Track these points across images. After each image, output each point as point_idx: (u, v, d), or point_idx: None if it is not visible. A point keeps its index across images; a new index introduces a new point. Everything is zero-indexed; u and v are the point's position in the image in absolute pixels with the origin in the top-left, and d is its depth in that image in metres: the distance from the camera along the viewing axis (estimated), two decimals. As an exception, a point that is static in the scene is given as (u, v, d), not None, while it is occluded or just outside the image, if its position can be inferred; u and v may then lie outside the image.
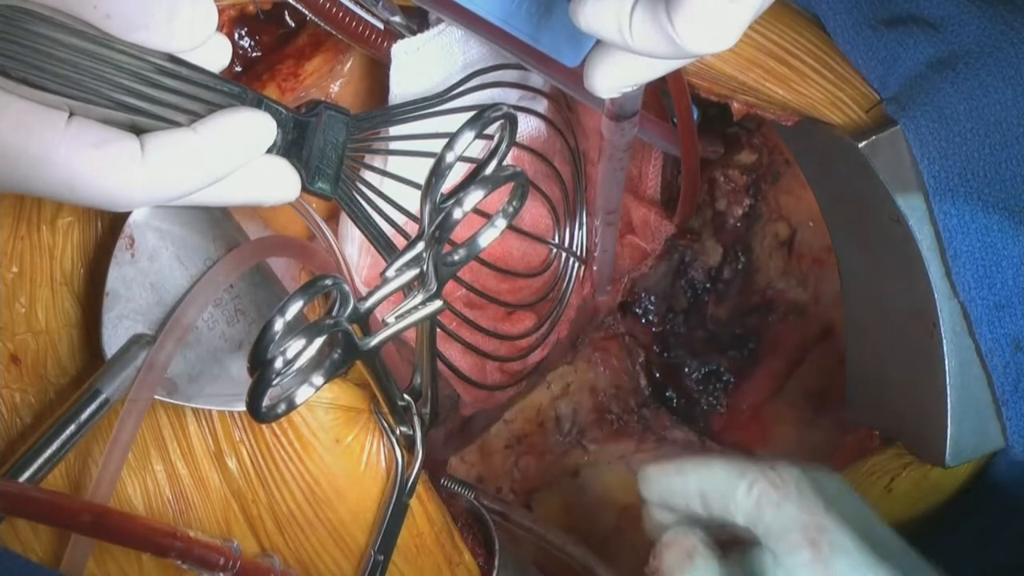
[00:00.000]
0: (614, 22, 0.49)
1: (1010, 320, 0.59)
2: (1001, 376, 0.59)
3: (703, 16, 0.46)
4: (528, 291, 0.78)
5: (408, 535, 0.63)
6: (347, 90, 0.72)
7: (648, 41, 0.48)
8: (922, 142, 0.57)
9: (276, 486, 0.60)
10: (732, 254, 0.84)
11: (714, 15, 0.46)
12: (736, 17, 0.46)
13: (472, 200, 0.49)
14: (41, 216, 0.60)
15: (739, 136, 0.82)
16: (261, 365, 0.46)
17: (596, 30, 0.50)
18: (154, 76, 0.47)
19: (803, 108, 0.61)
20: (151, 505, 0.59)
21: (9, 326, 0.59)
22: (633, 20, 0.48)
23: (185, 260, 0.59)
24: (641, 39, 0.48)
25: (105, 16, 0.46)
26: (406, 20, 0.65)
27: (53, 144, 0.44)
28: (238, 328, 0.60)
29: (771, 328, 0.84)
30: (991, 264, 0.58)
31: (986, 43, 0.58)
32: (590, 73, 0.53)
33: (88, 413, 0.56)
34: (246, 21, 0.72)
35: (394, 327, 0.53)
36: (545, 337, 0.78)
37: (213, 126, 0.49)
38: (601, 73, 0.53)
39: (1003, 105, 0.57)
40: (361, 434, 0.61)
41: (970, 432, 0.60)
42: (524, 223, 0.76)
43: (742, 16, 0.46)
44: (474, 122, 0.49)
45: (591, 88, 0.54)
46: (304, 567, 0.61)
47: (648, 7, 0.48)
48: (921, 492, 0.63)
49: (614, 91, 0.54)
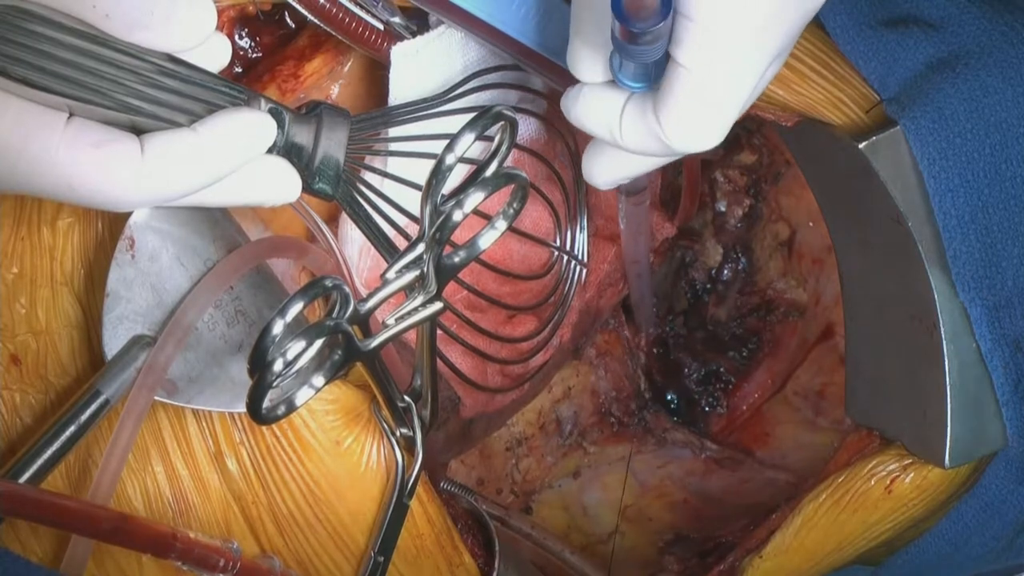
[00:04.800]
0: (605, 123, 0.51)
1: (1010, 320, 0.59)
2: (1001, 376, 0.59)
3: (689, 118, 0.48)
4: (529, 294, 0.77)
5: (408, 536, 0.63)
6: (347, 91, 0.72)
7: (638, 141, 0.51)
8: (922, 142, 0.57)
9: (276, 487, 0.60)
10: (732, 255, 0.84)
11: (700, 117, 0.48)
12: (721, 118, 0.48)
13: (473, 202, 0.49)
14: (41, 217, 0.60)
15: (739, 136, 0.82)
16: (261, 367, 0.46)
17: (587, 128, 0.52)
18: (154, 76, 0.47)
19: (803, 108, 0.61)
20: (151, 506, 0.59)
21: (9, 327, 0.59)
22: (623, 121, 0.50)
23: (185, 261, 0.59)
24: (631, 139, 0.51)
25: (104, 16, 0.46)
26: (406, 21, 0.65)
27: (53, 144, 0.44)
28: (238, 329, 0.60)
29: (771, 328, 0.84)
30: (991, 264, 0.58)
31: (986, 43, 0.58)
32: (588, 168, 0.56)
33: (88, 414, 0.56)
34: (246, 22, 0.72)
35: (394, 329, 0.53)
36: (547, 340, 0.78)
37: (213, 126, 0.49)
38: (597, 169, 0.56)
39: (1003, 105, 0.57)
40: (361, 436, 0.61)
41: (970, 432, 0.60)
42: (524, 226, 0.75)
43: (726, 117, 0.48)
44: (475, 124, 0.49)
45: (590, 182, 0.57)
46: (304, 568, 0.61)
47: (637, 108, 0.50)
48: (921, 493, 0.63)
49: (611, 184, 0.57)
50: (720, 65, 0.46)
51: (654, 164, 0.55)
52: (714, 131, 0.49)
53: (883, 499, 0.64)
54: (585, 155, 0.56)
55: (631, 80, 0.50)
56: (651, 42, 0.45)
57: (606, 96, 0.51)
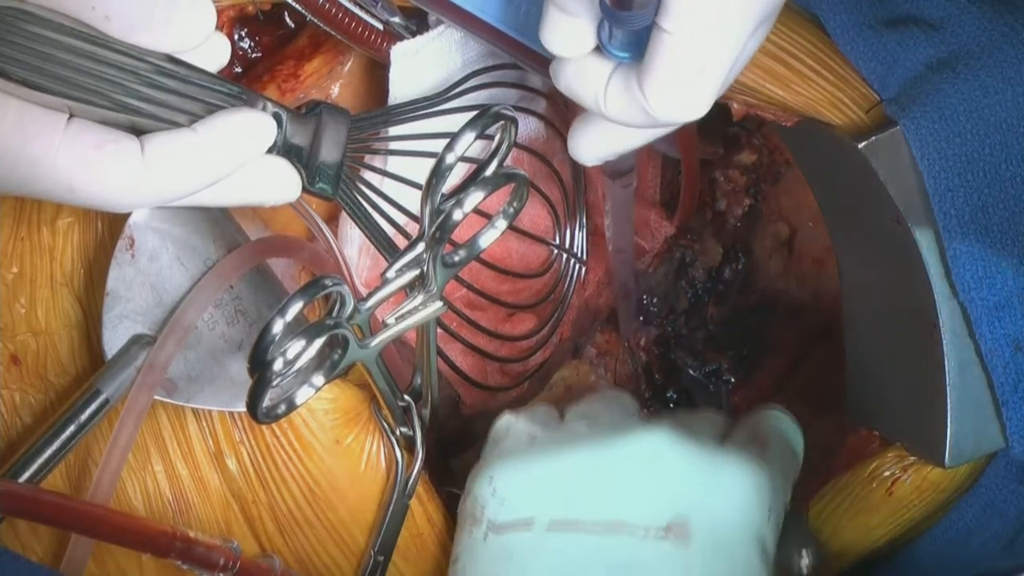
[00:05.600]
0: (591, 89, 0.51)
1: (1010, 320, 0.59)
2: (1001, 376, 0.59)
3: (672, 86, 0.48)
4: (528, 293, 0.77)
5: (408, 536, 0.63)
6: (347, 91, 0.72)
7: (622, 110, 0.50)
8: (922, 142, 0.57)
9: (276, 487, 0.60)
10: (732, 254, 0.84)
11: (683, 85, 0.48)
12: (704, 87, 0.48)
13: (472, 201, 0.49)
14: (41, 217, 0.60)
15: (739, 136, 0.82)
16: (261, 366, 0.46)
17: (575, 95, 0.52)
18: (153, 77, 0.47)
19: (803, 108, 0.61)
20: (151, 505, 0.59)
21: (9, 326, 0.59)
22: (608, 89, 0.50)
23: (185, 261, 0.59)
24: (615, 107, 0.50)
25: (104, 17, 0.46)
26: (405, 21, 0.65)
27: (53, 145, 0.44)
28: (238, 329, 0.60)
29: (771, 328, 0.83)
30: (991, 264, 0.58)
31: (986, 43, 0.58)
32: (573, 142, 0.56)
33: (88, 413, 0.56)
34: (246, 22, 0.72)
35: (394, 328, 0.53)
36: (547, 339, 0.78)
37: (213, 126, 0.49)
38: (583, 143, 0.56)
39: (1003, 106, 0.57)
40: (361, 435, 0.61)
41: (970, 432, 0.60)
42: (524, 224, 0.76)
43: (710, 86, 0.48)
44: (475, 123, 0.49)
45: (575, 156, 0.57)
46: (304, 567, 0.61)
47: (622, 77, 0.50)
48: (921, 494, 0.63)
49: (596, 159, 0.57)
50: (704, 31, 0.46)
51: (640, 139, 0.55)
52: (698, 100, 0.48)
53: (884, 501, 0.64)
54: (571, 129, 0.56)
55: (619, 50, 0.50)
56: (642, 7, 0.45)
57: (593, 65, 0.51)
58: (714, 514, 0.56)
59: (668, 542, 0.55)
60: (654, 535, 0.55)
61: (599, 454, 0.58)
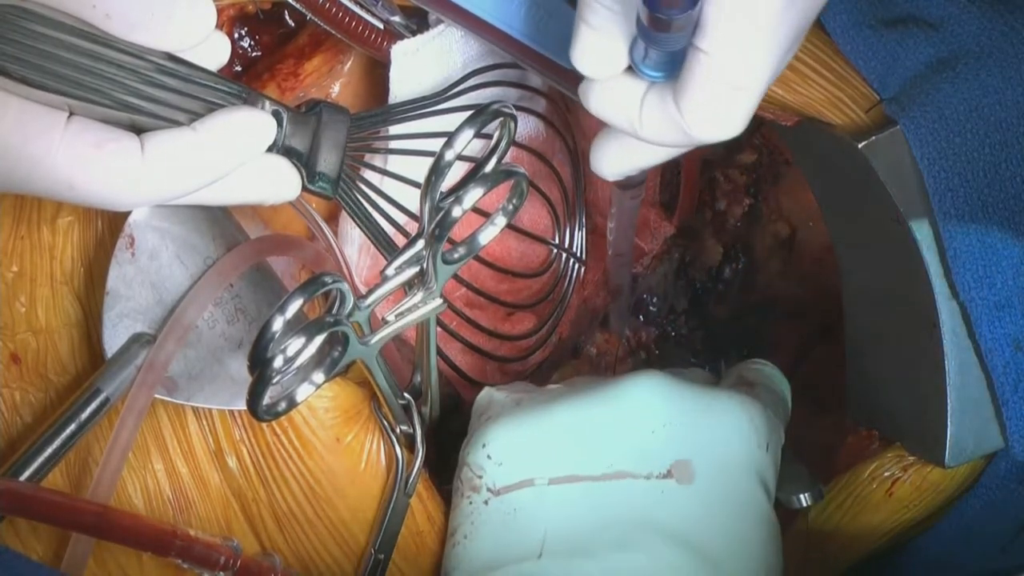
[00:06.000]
0: (624, 110, 0.50)
1: (1010, 320, 0.59)
2: (1001, 376, 0.59)
3: (710, 105, 0.47)
4: (528, 292, 0.78)
5: (408, 534, 0.63)
6: (347, 90, 0.72)
7: (658, 130, 0.50)
8: (922, 142, 0.57)
9: (276, 485, 0.60)
10: (732, 254, 0.84)
11: (721, 104, 0.47)
12: (741, 105, 0.47)
13: (471, 198, 0.49)
14: (41, 215, 0.60)
15: (739, 136, 0.82)
16: (261, 364, 0.46)
17: (606, 115, 0.51)
18: (154, 75, 0.48)
19: (803, 108, 0.61)
20: (151, 504, 0.59)
21: (9, 325, 0.59)
22: (643, 111, 0.50)
23: (185, 259, 0.59)
24: (651, 127, 0.50)
25: (104, 16, 0.46)
26: (406, 20, 0.65)
27: (53, 144, 0.44)
28: (238, 327, 0.60)
29: (771, 328, 0.83)
30: (991, 264, 0.58)
31: (986, 43, 0.58)
32: (596, 158, 0.55)
33: (88, 412, 0.56)
34: (246, 21, 0.72)
35: (394, 325, 0.53)
36: (546, 338, 0.78)
37: (213, 125, 0.49)
38: (606, 159, 0.55)
39: (1003, 105, 0.57)
40: (361, 433, 0.61)
41: (970, 432, 0.60)
42: (523, 223, 0.76)
43: (748, 104, 0.48)
44: (474, 120, 0.49)
45: (597, 172, 0.56)
46: (304, 566, 0.61)
47: (657, 96, 0.49)
48: (921, 494, 0.63)
49: (620, 175, 0.57)
50: (742, 51, 0.46)
51: (665, 155, 0.55)
52: (735, 118, 0.48)
53: (884, 502, 0.64)
54: (594, 145, 0.55)
55: (652, 69, 0.49)
56: (680, 29, 0.44)
57: (626, 85, 0.50)
58: (713, 451, 0.58)
59: (673, 480, 0.57)
60: (657, 478, 0.57)
61: (591, 406, 0.59)
